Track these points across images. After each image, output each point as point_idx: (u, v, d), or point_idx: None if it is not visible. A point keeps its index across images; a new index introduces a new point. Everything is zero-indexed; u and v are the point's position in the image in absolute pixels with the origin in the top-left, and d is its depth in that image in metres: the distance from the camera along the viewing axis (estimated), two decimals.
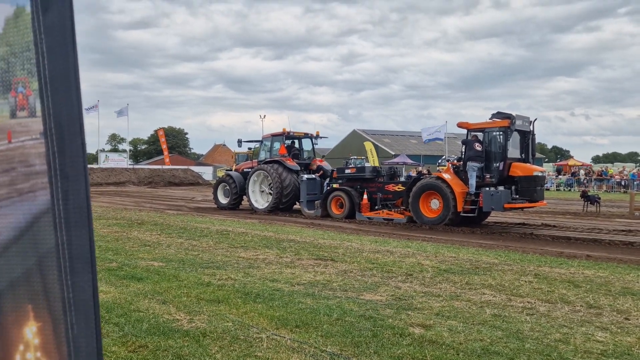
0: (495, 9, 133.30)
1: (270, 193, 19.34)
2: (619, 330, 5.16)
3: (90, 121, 49.48)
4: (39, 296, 0.86)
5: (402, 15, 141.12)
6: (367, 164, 24.75)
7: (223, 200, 21.12)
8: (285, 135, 20.34)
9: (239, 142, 22.50)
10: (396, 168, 19.47)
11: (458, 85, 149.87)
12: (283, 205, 19.07)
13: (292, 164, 19.26)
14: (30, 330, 0.90)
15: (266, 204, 19.37)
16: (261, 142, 21.52)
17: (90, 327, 0.90)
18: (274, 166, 19.21)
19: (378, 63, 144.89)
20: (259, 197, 19.97)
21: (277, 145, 20.24)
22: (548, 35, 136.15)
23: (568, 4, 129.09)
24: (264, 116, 57.02)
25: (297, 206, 19.44)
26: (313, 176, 18.97)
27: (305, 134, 21.12)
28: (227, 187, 20.98)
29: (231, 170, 23.65)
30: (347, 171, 18.22)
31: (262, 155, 20.83)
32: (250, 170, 20.38)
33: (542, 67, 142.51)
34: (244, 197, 20.50)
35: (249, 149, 23.28)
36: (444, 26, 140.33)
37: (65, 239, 0.80)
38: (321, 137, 21.50)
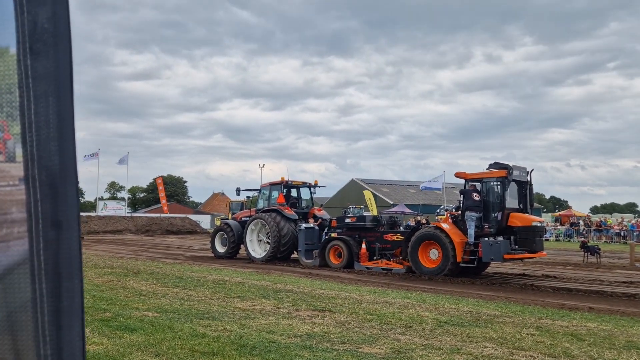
0: (488, 63, 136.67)
1: (268, 242, 19.20)
2: None
3: (89, 169, 49.85)
4: (5, 354, 0.81)
5: (397, 68, 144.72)
6: (366, 213, 24.69)
7: (220, 249, 20.95)
8: (284, 185, 20.37)
9: (238, 190, 22.50)
10: (397, 217, 19.34)
11: (454, 135, 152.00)
12: (281, 254, 18.90)
13: (290, 212, 19.20)
14: None
15: (264, 253, 19.20)
16: (260, 190, 21.53)
17: None
18: (272, 215, 19.14)
19: (375, 114, 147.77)
20: (256, 246, 19.82)
21: (275, 194, 20.25)
22: (540, 88, 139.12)
23: (557, 58, 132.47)
24: (263, 165, 57.28)
25: (295, 255, 19.27)
26: (311, 225, 18.87)
27: (303, 183, 21.16)
28: (225, 236, 20.85)
29: (227, 219, 23.54)
30: (347, 220, 18.13)
31: (261, 204, 20.79)
32: (248, 219, 20.31)
33: (536, 118, 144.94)
34: (242, 246, 20.35)
35: (247, 197, 23.24)
36: (439, 79, 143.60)
37: (46, 292, 0.77)
38: (319, 187, 21.54)
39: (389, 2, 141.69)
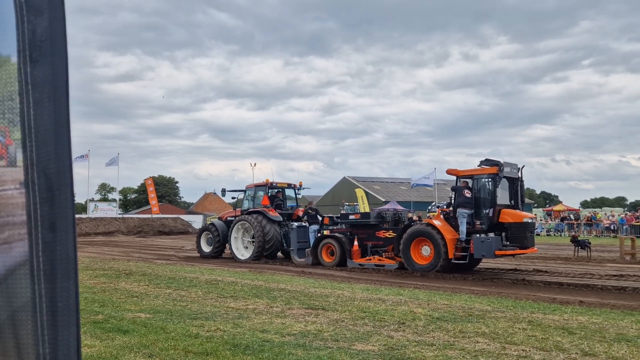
0: (465, 62, 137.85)
1: (252, 241, 19.23)
2: None
3: (79, 171, 49.52)
4: (9, 353, 0.83)
5: (377, 67, 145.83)
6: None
7: (206, 248, 20.95)
8: (268, 186, 20.41)
9: (223, 191, 22.48)
10: (400, 214, 19.19)
11: (439, 133, 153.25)
12: (266, 252, 18.96)
13: (275, 214, 19.22)
14: None
15: (247, 255, 19.24)
16: (245, 192, 21.51)
17: None
18: (256, 217, 19.15)
19: (359, 112, 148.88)
20: (240, 246, 19.84)
21: (260, 195, 20.28)
22: (519, 85, 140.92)
23: (533, 56, 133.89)
24: (255, 164, 57.13)
25: (281, 255, 19.38)
26: (303, 224, 18.89)
27: (288, 184, 21.22)
28: (210, 236, 20.86)
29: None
30: (351, 217, 18.08)
31: (246, 205, 20.81)
32: (233, 219, 20.30)
33: (518, 115, 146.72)
34: (227, 245, 20.36)
35: (233, 198, 23.06)
36: (419, 78, 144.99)
37: (45, 292, 0.79)
38: (304, 188, 21.61)
39: (363, 3, 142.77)
